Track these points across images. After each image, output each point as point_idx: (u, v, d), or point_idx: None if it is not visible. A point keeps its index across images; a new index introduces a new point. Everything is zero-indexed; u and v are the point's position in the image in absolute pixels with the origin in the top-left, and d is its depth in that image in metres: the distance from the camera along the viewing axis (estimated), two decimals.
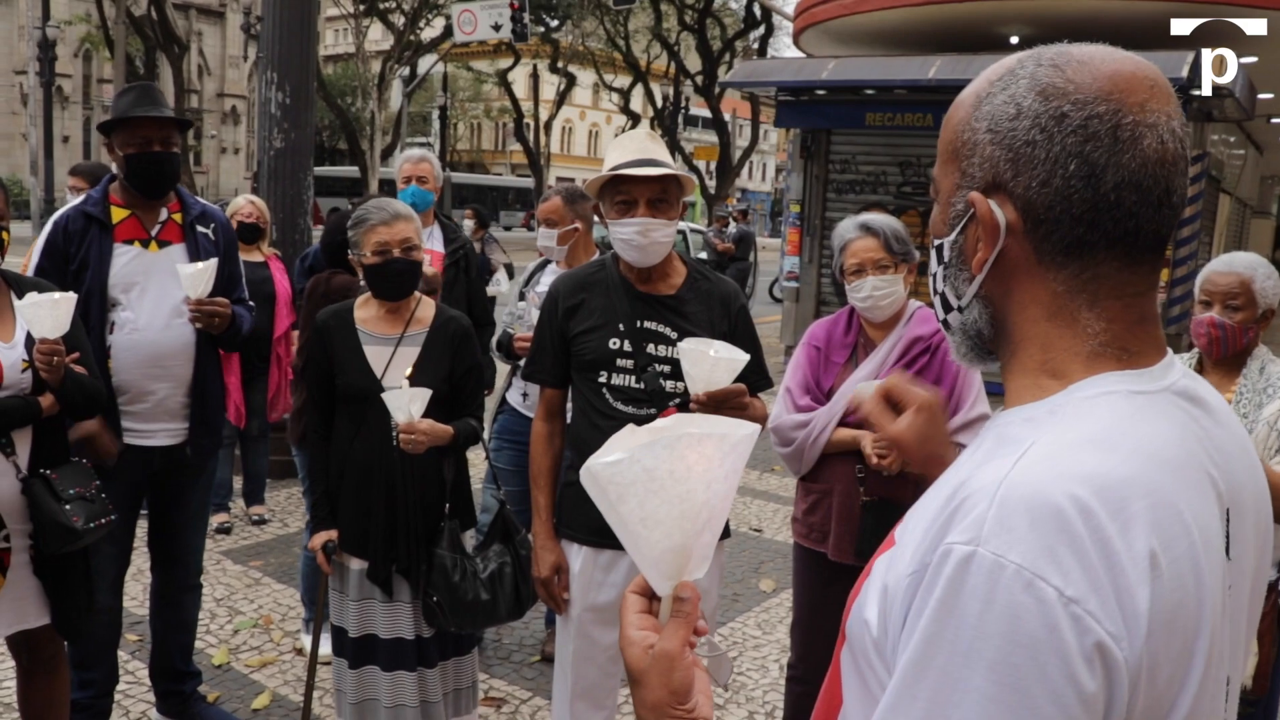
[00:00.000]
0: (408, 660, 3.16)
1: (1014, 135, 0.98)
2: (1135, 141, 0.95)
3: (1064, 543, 0.83)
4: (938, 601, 0.86)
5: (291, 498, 6.51)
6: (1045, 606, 0.82)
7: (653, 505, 0.99)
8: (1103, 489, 0.86)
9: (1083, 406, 0.95)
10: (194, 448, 3.58)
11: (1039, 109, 0.97)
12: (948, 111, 1.08)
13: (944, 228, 1.07)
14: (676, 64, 34.49)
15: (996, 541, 0.84)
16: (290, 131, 6.89)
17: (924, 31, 12.40)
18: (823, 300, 12.53)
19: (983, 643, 0.83)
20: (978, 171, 1.02)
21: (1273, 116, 15.44)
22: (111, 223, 3.44)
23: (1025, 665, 0.81)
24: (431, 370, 3.11)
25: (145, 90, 3.52)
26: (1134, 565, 0.84)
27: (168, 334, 3.47)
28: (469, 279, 4.75)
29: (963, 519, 0.87)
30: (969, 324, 1.08)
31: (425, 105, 50.57)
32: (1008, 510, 0.85)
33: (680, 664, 1.01)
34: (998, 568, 0.83)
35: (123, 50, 29.79)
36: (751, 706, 4.20)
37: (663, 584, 1.04)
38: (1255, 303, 2.97)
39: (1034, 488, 0.86)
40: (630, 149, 2.84)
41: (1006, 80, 1.01)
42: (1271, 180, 27.11)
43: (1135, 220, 0.96)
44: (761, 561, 5.87)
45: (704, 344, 2.55)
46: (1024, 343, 1.03)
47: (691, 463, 0.99)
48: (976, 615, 0.83)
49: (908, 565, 0.92)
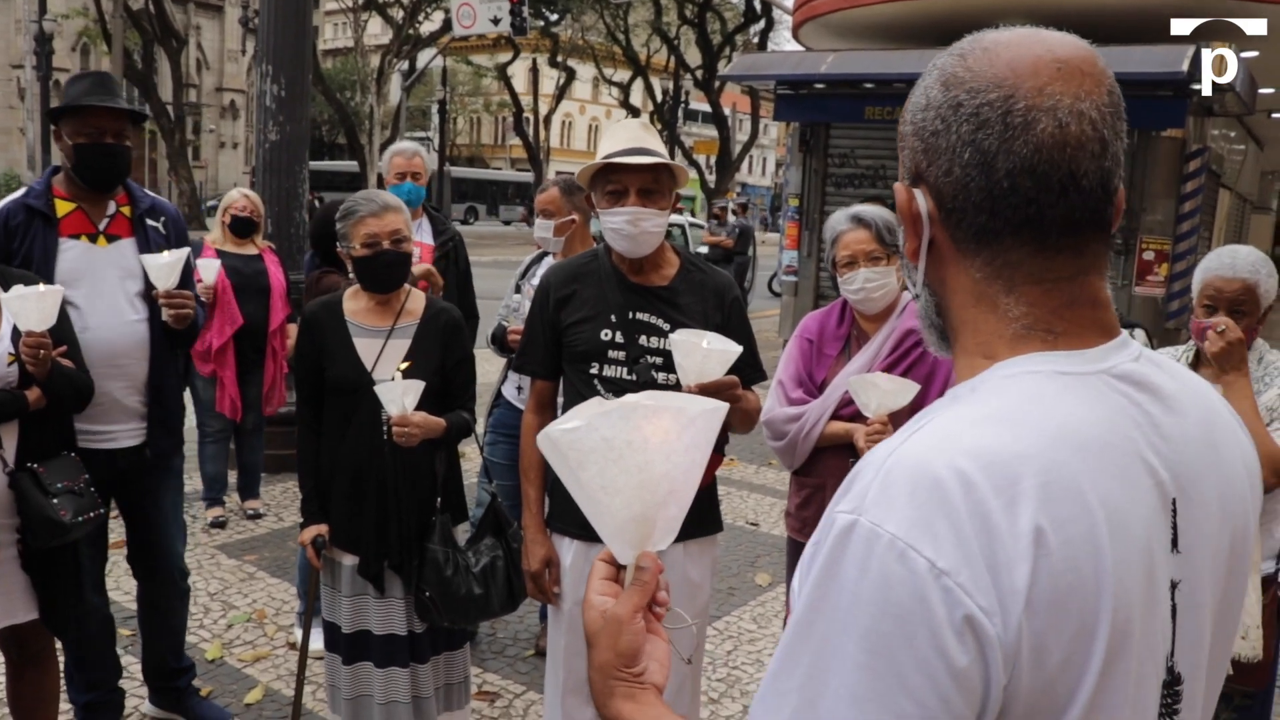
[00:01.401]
0: (401, 656, 3.14)
1: (924, 126, 1.00)
2: (1028, 127, 0.93)
3: (940, 514, 0.84)
4: (821, 568, 0.87)
5: (286, 492, 6.50)
6: (916, 577, 0.82)
7: (612, 473, 1.01)
8: (991, 464, 0.86)
9: (999, 384, 0.95)
10: (153, 448, 3.46)
11: (940, 99, 0.98)
12: None
13: (904, 217, 1.08)
14: (676, 58, 34.45)
15: (875, 511, 0.85)
16: (286, 125, 6.87)
17: (923, 25, 12.36)
18: (821, 294, 12.51)
19: (858, 610, 0.83)
20: (908, 163, 1.04)
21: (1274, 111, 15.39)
22: (56, 216, 3.28)
23: (894, 634, 0.82)
24: (423, 362, 3.08)
25: (100, 79, 3.40)
26: (1014, 541, 0.83)
27: (120, 332, 3.33)
28: (458, 270, 4.74)
29: (851, 489, 0.89)
30: (922, 311, 1.09)
31: (424, 99, 50.48)
32: (890, 481, 0.86)
33: (629, 628, 1.02)
34: (874, 536, 0.84)
35: (120, 44, 29.71)
36: (746, 700, 4.19)
37: (626, 552, 1.06)
38: (1259, 306, 2.95)
39: (918, 460, 0.87)
40: (622, 138, 2.81)
41: (926, 72, 1.02)
42: (1272, 175, 27.06)
43: (1036, 206, 0.94)
44: (758, 555, 5.85)
45: (696, 335, 2.54)
46: (960, 327, 1.04)
47: (648, 434, 1.01)
48: (853, 583, 0.84)
49: (815, 536, 0.93)
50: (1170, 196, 10.72)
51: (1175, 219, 10.82)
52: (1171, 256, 10.63)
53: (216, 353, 5.60)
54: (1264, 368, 2.99)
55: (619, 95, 39.08)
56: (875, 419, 2.81)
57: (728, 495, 6.88)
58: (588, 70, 46.00)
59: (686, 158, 34.90)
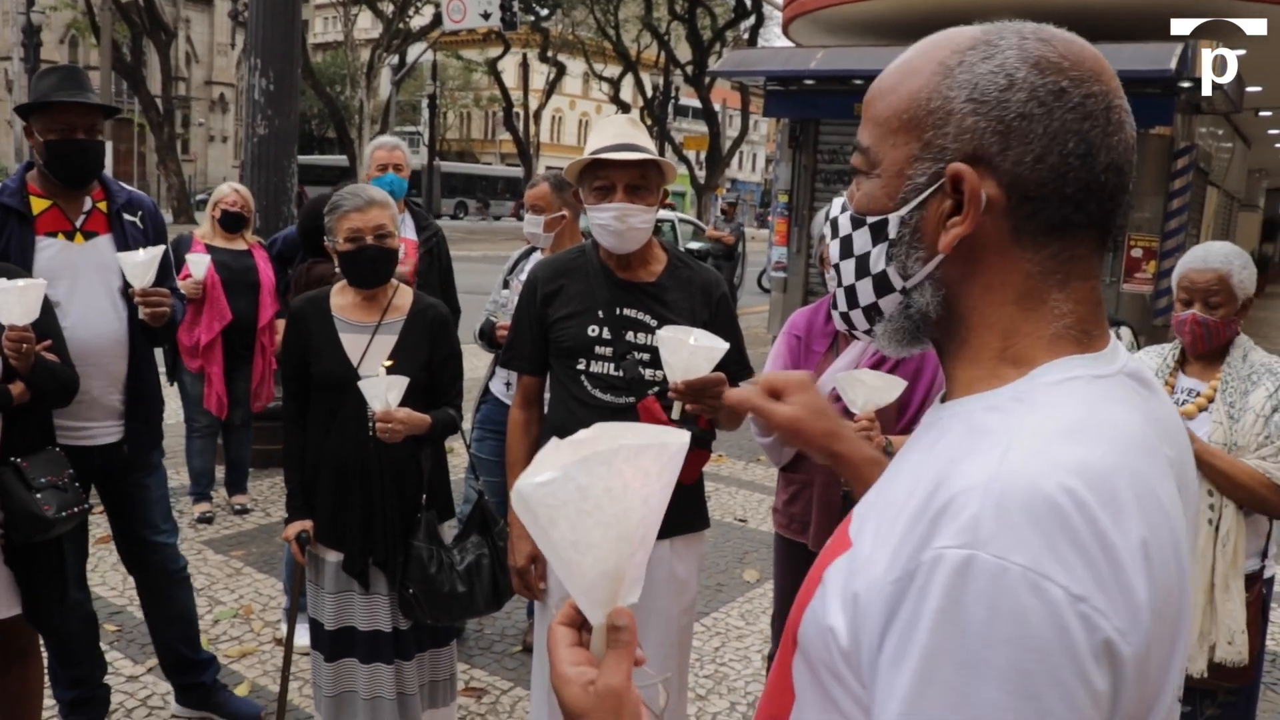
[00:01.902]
0: (385, 653, 3.13)
1: (1005, 107, 0.93)
2: (1121, 125, 0.95)
3: (1065, 539, 0.80)
4: (937, 612, 0.81)
5: (274, 487, 6.48)
6: (1053, 607, 0.78)
7: (586, 527, 0.91)
8: (1093, 479, 0.83)
9: (1051, 393, 0.92)
10: (132, 445, 3.43)
11: (1036, 81, 0.92)
12: (886, 80, 1.02)
13: (887, 202, 1.01)
14: (666, 53, 34.43)
15: (997, 544, 0.80)
16: (274, 118, 6.85)
17: (913, 21, 12.34)
18: (810, 290, 12.52)
19: (991, 651, 0.78)
20: (951, 143, 0.95)
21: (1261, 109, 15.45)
22: (32, 214, 3.22)
23: (1037, 670, 0.78)
24: (409, 358, 3.07)
25: (69, 73, 3.33)
26: (1130, 556, 0.82)
27: (99, 329, 3.30)
28: (441, 266, 4.74)
29: (952, 521, 0.82)
30: (915, 307, 1.02)
31: (414, 94, 50.37)
32: (1004, 509, 0.81)
33: (628, 700, 0.93)
34: (1001, 571, 0.79)
35: (109, 37, 29.56)
36: (734, 697, 4.19)
37: (595, 612, 0.96)
38: (1234, 296, 2.97)
39: (1027, 483, 0.82)
40: (610, 133, 2.81)
41: (986, 50, 0.95)
42: (1259, 173, 27.18)
43: (1114, 203, 0.95)
44: (746, 552, 5.85)
45: (683, 332, 2.53)
46: (980, 327, 0.99)
47: (629, 479, 0.92)
48: (982, 623, 0.79)
49: (885, 571, 0.86)
50: (1158, 194, 10.75)
51: (1163, 216, 10.86)
52: (1159, 254, 10.66)
53: (204, 349, 5.58)
54: (1249, 366, 2.99)
55: (609, 90, 39.00)
56: (862, 415, 2.81)
57: (716, 491, 6.88)
58: (578, 65, 45.90)
59: (676, 153, 34.88)
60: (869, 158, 1.02)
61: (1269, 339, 15.06)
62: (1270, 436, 2.87)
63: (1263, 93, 13.44)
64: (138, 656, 4.23)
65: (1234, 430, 2.90)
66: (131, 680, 4.05)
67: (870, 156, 1.02)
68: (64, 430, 3.23)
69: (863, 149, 1.03)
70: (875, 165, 1.02)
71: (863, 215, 1.03)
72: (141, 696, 3.95)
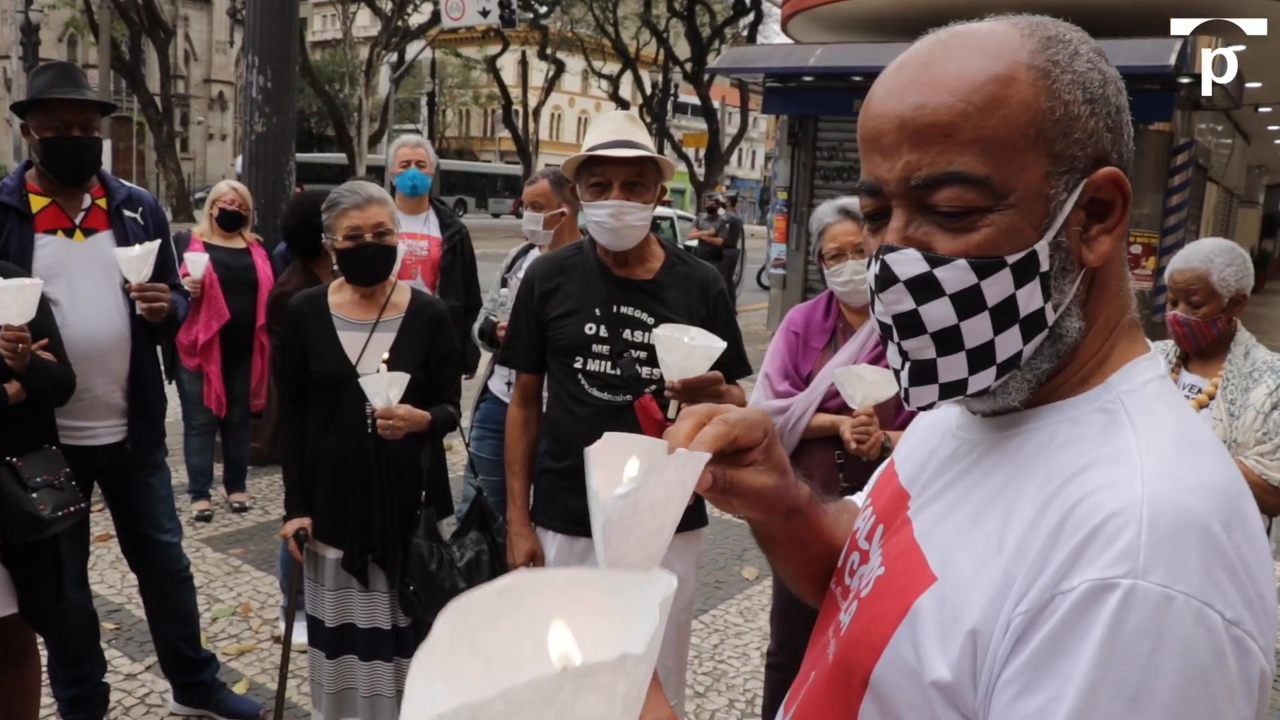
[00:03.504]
0: (385, 650, 3.13)
1: (1108, 103, 0.91)
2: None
3: (1219, 563, 0.78)
4: (1098, 644, 0.77)
5: (273, 485, 6.47)
6: (1213, 634, 0.76)
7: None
8: (1224, 498, 0.81)
9: (1146, 402, 0.90)
10: (135, 443, 3.42)
11: (1111, 73, 0.91)
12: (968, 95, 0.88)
13: (1031, 231, 0.89)
14: (665, 51, 34.38)
15: (1158, 572, 0.77)
16: (272, 116, 6.84)
17: (912, 18, 12.32)
18: (809, 287, 12.54)
19: (1156, 683, 0.75)
20: (1078, 150, 0.89)
21: (1260, 105, 15.44)
22: (31, 212, 3.20)
23: (1199, 700, 0.75)
24: (408, 355, 3.06)
25: (64, 70, 3.30)
26: (1263, 571, 0.81)
27: (101, 327, 3.28)
28: (464, 263, 4.82)
29: (1104, 549, 0.79)
30: (1067, 337, 0.93)
31: (413, 91, 50.34)
32: (1159, 536, 0.78)
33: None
34: (1165, 600, 0.76)
35: (108, 35, 29.54)
36: (733, 694, 4.19)
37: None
38: (1216, 294, 2.99)
39: (1175, 507, 0.79)
40: (607, 130, 2.80)
41: (1063, 45, 0.90)
42: (1259, 169, 27.16)
43: None
44: (745, 549, 5.84)
45: (680, 330, 2.52)
46: (1093, 332, 0.95)
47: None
48: (1147, 654, 0.76)
49: (1009, 601, 0.83)
50: (1157, 190, 10.75)
51: (1162, 212, 10.86)
52: (1158, 250, 10.66)
53: (203, 347, 5.57)
54: (1251, 363, 3.00)
55: (608, 88, 38.94)
56: (861, 410, 2.81)
57: None
58: (577, 63, 45.87)
59: (675, 151, 34.85)
60: (992, 189, 0.88)
61: (1270, 335, 15.06)
62: (1269, 434, 2.87)
63: (1262, 89, 13.43)
64: (136, 654, 4.22)
65: (1234, 427, 2.90)
66: (130, 678, 4.04)
67: (995, 186, 0.88)
68: (68, 431, 3.22)
69: (976, 179, 0.88)
70: (1005, 195, 0.88)
71: (998, 256, 0.89)
72: (140, 694, 3.95)
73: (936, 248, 0.90)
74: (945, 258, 0.89)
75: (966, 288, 0.89)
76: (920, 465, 1.08)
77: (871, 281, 0.95)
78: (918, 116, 0.89)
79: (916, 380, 0.95)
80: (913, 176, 0.90)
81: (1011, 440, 0.94)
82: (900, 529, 1.03)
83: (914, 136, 0.89)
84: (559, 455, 2.89)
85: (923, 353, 0.93)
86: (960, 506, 0.95)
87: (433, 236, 4.77)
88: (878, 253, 0.93)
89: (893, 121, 0.91)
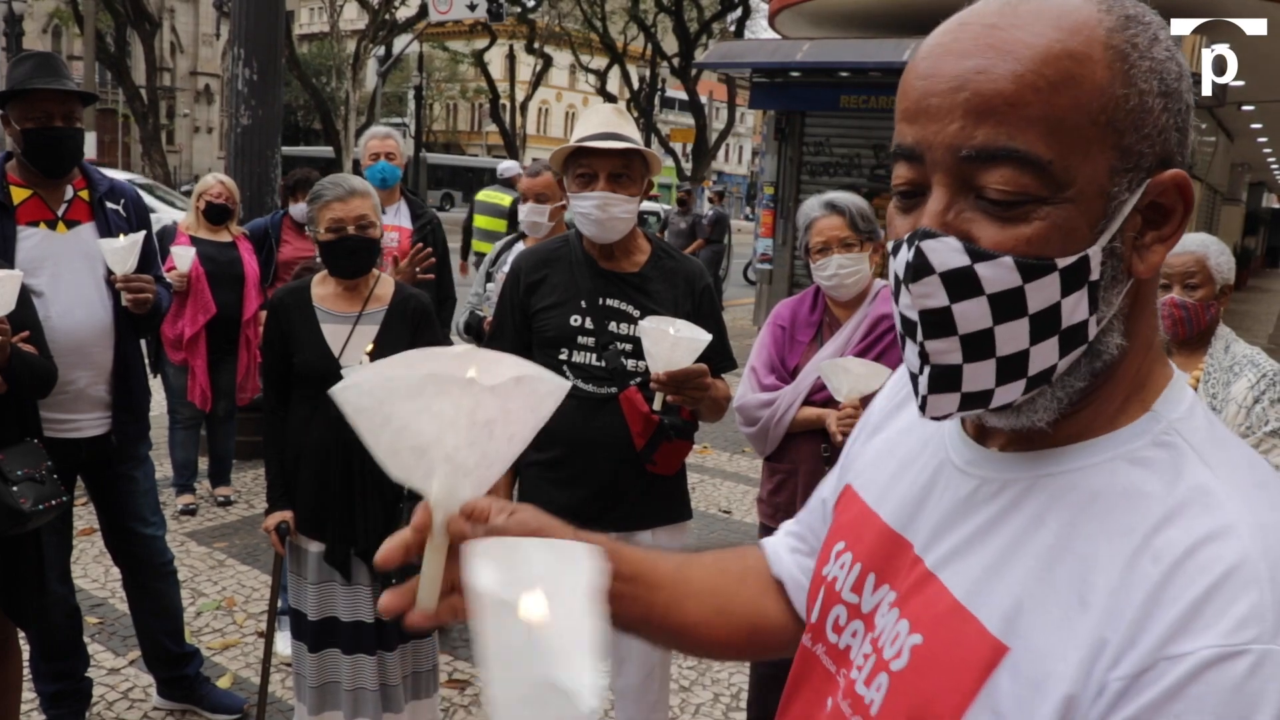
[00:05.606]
0: (368, 643, 3.12)
1: (1181, 99, 0.81)
2: None
3: None
4: (1222, 713, 0.70)
5: (258, 479, 6.45)
6: None
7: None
8: None
9: (1198, 429, 0.84)
10: (119, 436, 3.40)
11: (1188, 69, 0.82)
12: (1037, 66, 0.77)
13: (1087, 232, 0.80)
14: (653, 46, 34.33)
15: None
16: (258, 109, 6.82)
17: (899, 14, 12.37)
18: (796, 282, 12.55)
19: None
20: (1146, 147, 0.79)
21: (1244, 104, 15.51)
22: (13, 204, 3.18)
23: None
24: (391, 348, 3.05)
25: (45, 59, 3.28)
26: None
27: (85, 319, 3.26)
28: (436, 254, 4.76)
29: (1225, 611, 0.72)
30: (1106, 354, 0.85)
31: (401, 85, 50.16)
32: None
33: None
34: None
35: (92, 27, 29.30)
36: (718, 689, 4.19)
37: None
38: (1212, 279, 3.00)
39: None
40: (595, 122, 2.80)
41: (1153, 29, 0.81)
42: (1242, 167, 27.32)
43: None
44: (730, 544, 5.84)
45: (665, 323, 2.53)
46: (1132, 352, 0.87)
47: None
48: None
49: (1108, 665, 0.75)
50: None
51: None
52: None
53: (188, 342, 5.54)
54: (1231, 357, 3.01)
55: (596, 82, 38.88)
56: (847, 403, 2.81)
57: (700, 483, 6.88)
58: (564, 57, 45.77)
59: (663, 145, 34.82)
60: (1053, 177, 0.78)
61: (1251, 332, 15.15)
62: (1252, 427, 2.88)
63: (1245, 87, 13.49)
64: (119, 649, 4.21)
65: None
66: (113, 673, 4.03)
67: (1055, 175, 0.78)
68: (51, 423, 3.19)
69: (1037, 162, 0.77)
70: (1064, 186, 0.78)
71: (1049, 258, 0.79)
72: (123, 689, 3.93)
73: (979, 238, 0.79)
74: (990, 252, 0.78)
75: (1009, 289, 0.79)
76: (915, 504, 0.97)
77: (900, 269, 0.82)
78: (979, 81, 0.78)
79: (937, 387, 0.84)
80: (965, 146, 0.78)
81: (1057, 480, 0.85)
82: (922, 585, 0.91)
83: (971, 102, 0.78)
84: (543, 447, 2.88)
85: (947, 356, 0.82)
86: (1012, 560, 0.84)
87: (403, 227, 4.75)
88: (911, 238, 0.81)
89: (948, 82, 0.79)
